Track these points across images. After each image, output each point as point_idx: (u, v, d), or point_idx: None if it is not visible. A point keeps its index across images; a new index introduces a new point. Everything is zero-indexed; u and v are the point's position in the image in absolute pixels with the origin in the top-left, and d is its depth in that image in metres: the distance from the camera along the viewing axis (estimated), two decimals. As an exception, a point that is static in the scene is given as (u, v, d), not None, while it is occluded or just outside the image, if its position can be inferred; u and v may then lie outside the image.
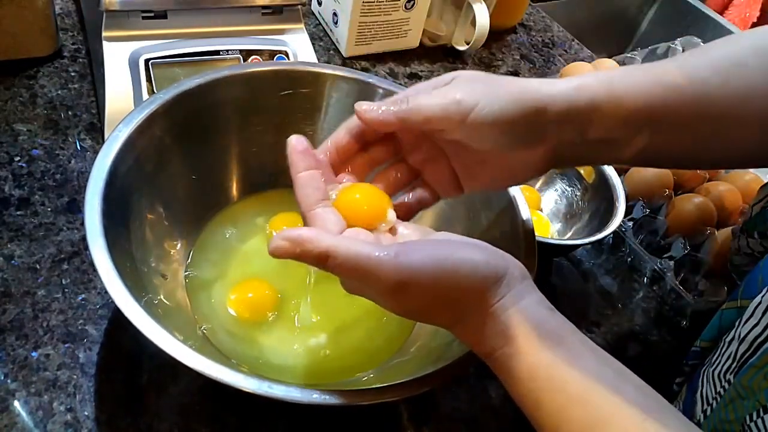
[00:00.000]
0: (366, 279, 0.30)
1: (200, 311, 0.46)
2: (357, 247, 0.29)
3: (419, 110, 0.34)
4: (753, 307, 0.37)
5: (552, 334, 0.31)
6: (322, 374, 0.44)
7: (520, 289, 0.32)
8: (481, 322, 0.32)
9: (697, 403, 0.41)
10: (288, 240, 0.30)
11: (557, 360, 0.30)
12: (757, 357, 0.35)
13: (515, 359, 0.31)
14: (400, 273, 0.29)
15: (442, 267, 0.30)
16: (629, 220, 0.63)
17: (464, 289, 0.31)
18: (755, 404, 0.33)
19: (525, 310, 0.31)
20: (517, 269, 0.33)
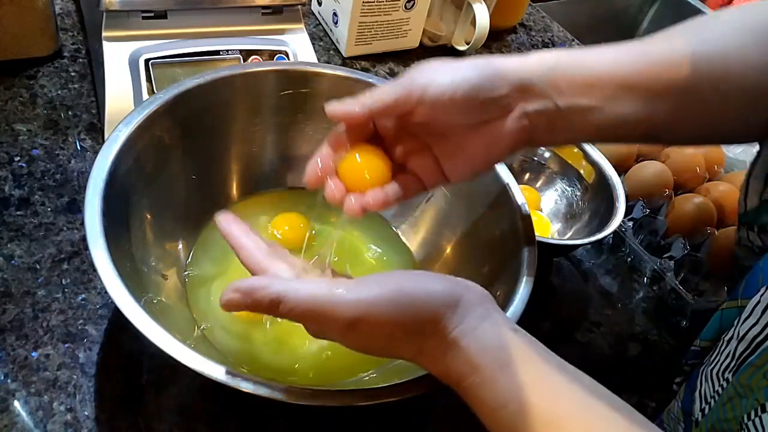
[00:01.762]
0: (322, 319, 0.30)
1: (200, 311, 0.46)
2: (308, 289, 0.30)
3: (379, 98, 0.35)
4: (752, 306, 0.37)
5: (517, 356, 0.30)
6: (322, 374, 0.44)
7: (479, 313, 0.31)
8: (442, 351, 0.31)
9: (696, 402, 0.41)
10: (238, 291, 0.30)
11: (526, 383, 0.29)
12: (756, 356, 0.35)
13: (484, 388, 0.30)
14: (356, 308, 0.30)
15: (396, 298, 0.30)
16: (629, 220, 0.63)
17: (421, 317, 0.31)
18: (753, 403, 0.33)
19: (486, 335, 0.31)
20: (474, 293, 0.32)
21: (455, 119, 0.36)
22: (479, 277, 0.45)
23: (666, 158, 0.67)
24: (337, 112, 0.36)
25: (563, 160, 0.64)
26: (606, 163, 0.60)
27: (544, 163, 0.65)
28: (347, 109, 0.36)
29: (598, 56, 0.37)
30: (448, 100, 0.35)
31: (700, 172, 0.66)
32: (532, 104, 0.36)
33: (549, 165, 0.65)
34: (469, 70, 0.35)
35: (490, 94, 0.35)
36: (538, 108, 0.36)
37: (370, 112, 0.36)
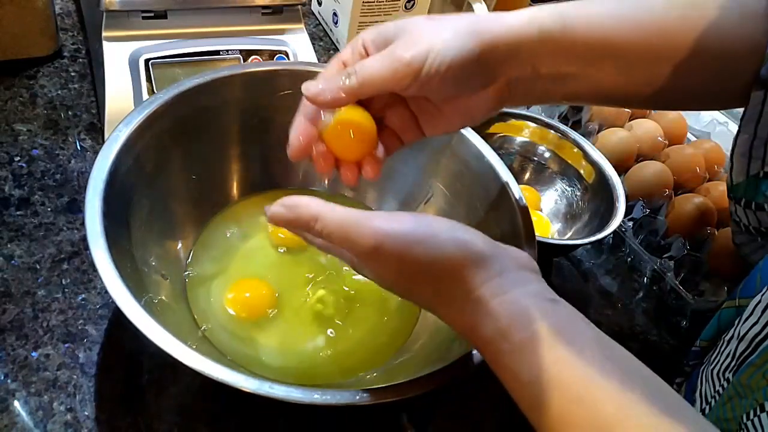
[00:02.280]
0: (346, 242, 0.31)
1: (200, 311, 0.46)
2: (342, 211, 0.31)
3: (370, 81, 0.33)
4: (753, 306, 0.37)
5: (552, 330, 0.29)
6: (322, 374, 0.44)
7: (513, 278, 0.30)
8: (467, 304, 0.30)
9: (696, 402, 0.41)
10: (284, 205, 0.32)
11: (560, 359, 0.28)
12: (756, 355, 0.35)
13: (513, 358, 0.29)
14: (375, 235, 0.30)
15: (419, 233, 0.30)
16: (629, 220, 0.63)
17: (440, 257, 0.30)
18: (753, 403, 0.33)
19: (519, 302, 0.29)
20: (513, 259, 0.32)
21: (444, 92, 0.35)
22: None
23: (666, 158, 0.67)
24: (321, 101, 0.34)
25: (563, 160, 0.64)
26: (606, 163, 0.60)
27: (544, 163, 0.65)
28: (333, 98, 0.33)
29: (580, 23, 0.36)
30: (441, 77, 0.34)
31: (700, 172, 0.66)
32: (515, 72, 0.36)
33: (549, 165, 0.65)
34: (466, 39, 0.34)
35: (485, 68, 0.35)
36: (520, 75, 0.36)
37: (356, 98, 0.34)
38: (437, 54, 0.33)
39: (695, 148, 0.69)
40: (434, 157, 0.52)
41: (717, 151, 0.70)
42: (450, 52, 0.33)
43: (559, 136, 0.64)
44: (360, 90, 0.33)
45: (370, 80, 0.33)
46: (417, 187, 0.54)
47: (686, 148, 0.68)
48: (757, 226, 0.41)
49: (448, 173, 0.52)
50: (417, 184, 0.53)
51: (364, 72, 0.33)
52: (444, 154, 0.51)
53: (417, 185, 0.54)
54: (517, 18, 0.35)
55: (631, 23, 0.36)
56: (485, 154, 0.49)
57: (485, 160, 0.49)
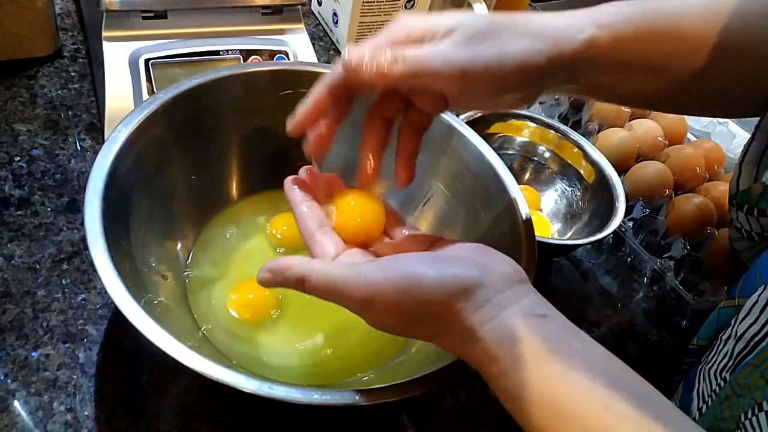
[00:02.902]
0: (338, 298, 0.32)
1: (200, 311, 0.46)
2: (327, 270, 0.32)
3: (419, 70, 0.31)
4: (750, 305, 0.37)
5: (539, 348, 0.29)
6: (322, 375, 0.44)
7: (499, 301, 0.31)
8: (460, 338, 0.31)
9: (694, 401, 0.41)
10: (269, 271, 0.33)
11: (544, 376, 0.29)
12: (753, 355, 0.35)
13: (502, 378, 0.30)
14: (363, 290, 0.31)
15: (402, 282, 0.31)
16: (629, 220, 0.63)
17: (428, 302, 0.30)
18: (751, 402, 0.33)
19: (506, 325, 0.30)
20: (496, 278, 0.31)
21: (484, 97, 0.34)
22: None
23: (666, 158, 0.67)
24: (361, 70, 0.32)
25: (563, 160, 0.64)
26: (606, 163, 0.60)
27: (544, 163, 0.65)
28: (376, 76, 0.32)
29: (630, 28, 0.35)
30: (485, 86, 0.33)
31: (700, 172, 0.66)
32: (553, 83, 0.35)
33: (549, 165, 0.65)
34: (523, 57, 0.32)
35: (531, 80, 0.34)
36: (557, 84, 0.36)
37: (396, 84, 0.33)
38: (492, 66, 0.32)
39: (695, 148, 0.69)
40: (434, 157, 0.52)
41: (717, 151, 0.70)
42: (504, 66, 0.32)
43: (559, 136, 0.64)
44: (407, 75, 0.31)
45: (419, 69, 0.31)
46: (417, 187, 0.53)
47: (686, 148, 0.68)
48: (760, 231, 0.41)
49: (448, 173, 0.52)
50: (417, 184, 0.53)
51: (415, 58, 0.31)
52: (444, 154, 0.51)
53: (417, 185, 0.53)
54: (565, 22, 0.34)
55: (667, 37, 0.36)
56: (485, 154, 0.49)
57: (485, 160, 0.49)
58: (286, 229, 0.51)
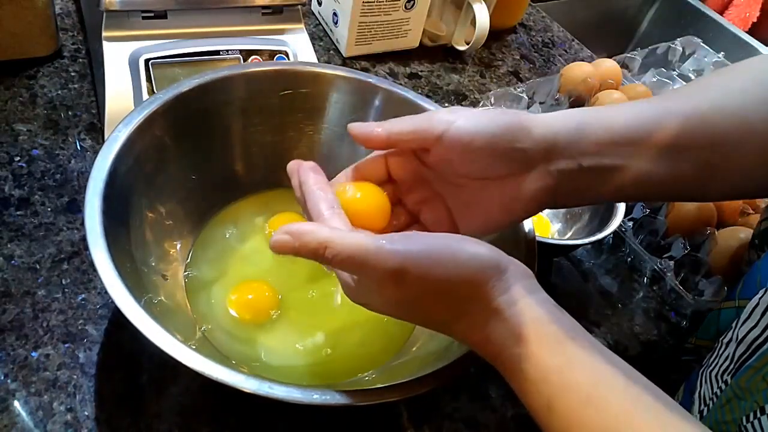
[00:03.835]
0: (363, 269, 0.30)
1: (200, 311, 0.46)
2: (353, 237, 0.30)
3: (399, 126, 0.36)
4: (750, 309, 0.37)
5: (563, 333, 0.30)
6: (322, 375, 0.44)
7: (525, 285, 0.31)
8: (485, 317, 0.31)
9: (695, 404, 0.41)
10: (288, 233, 0.30)
11: (570, 361, 0.29)
12: (755, 358, 0.35)
13: (527, 361, 0.30)
14: (397, 258, 0.29)
15: (438, 253, 0.30)
16: (629, 220, 0.63)
17: (463, 276, 0.30)
18: (753, 405, 0.33)
19: (534, 307, 0.30)
20: (519, 267, 0.32)
21: (473, 167, 0.35)
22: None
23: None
24: (358, 131, 0.36)
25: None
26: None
27: (544, 163, 0.65)
28: (369, 130, 0.36)
29: (620, 114, 0.36)
30: (467, 144, 0.34)
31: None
32: (555, 164, 0.35)
33: (549, 165, 0.65)
34: (494, 118, 0.35)
35: (511, 145, 0.35)
36: (562, 167, 0.35)
37: (388, 137, 0.36)
38: (466, 120, 0.35)
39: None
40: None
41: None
42: (480, 122, 0.34)
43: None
44: (392, 130, 0.36)
45: (400, 126, 0.36)
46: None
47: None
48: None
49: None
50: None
51: (398, 120, 0.36)
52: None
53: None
54: (554, 114, 0.36)
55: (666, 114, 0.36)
56: (485, 154, 0.49)
57: (485, 160, 0.49)
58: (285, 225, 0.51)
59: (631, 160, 0.35)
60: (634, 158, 0.35)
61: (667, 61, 0.89)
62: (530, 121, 0.35)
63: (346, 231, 0.31)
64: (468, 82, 0.79)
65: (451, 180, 0.37)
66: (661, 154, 0.35)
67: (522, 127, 0.35)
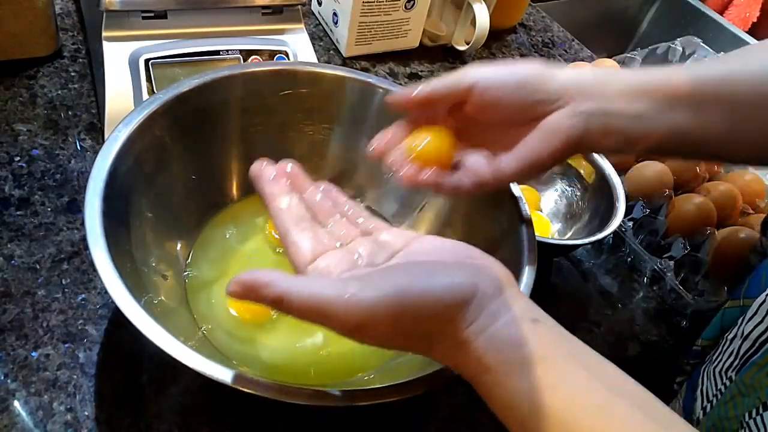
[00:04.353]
0: (325, 320, 0.30)
1: (200, 311, 0.46)
2: (312, 289, 0.29)
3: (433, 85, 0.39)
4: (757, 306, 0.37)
5: (533, 355, 0.29)
6: (322, 374, 0.44)
7: (493, 309, 0.30)
8: (454, 350, 0.30)
9: (697, 400, 0.41)
10: (243, 285, 0.30)
11: (539, 385, 0.28)
12: (760, 355, 0.35)
13: (496, 388, 0.29)
14: (360, 313, 0.29)
15: (399, 300, 0.29)
16: (629, 220, 0.63)
17: (428, 320, 0.30)
18: (755, 401, 0.33)
19: (500, 334, 0.29)
20: (489, 283, 0.31)
21: (507, 112, 0.38)
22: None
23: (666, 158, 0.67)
24: (395, 98, 0.40)
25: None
26: (606, 163, 0.60)
27: (544, 163, 0.65)
28: (404, 93, 0.39)
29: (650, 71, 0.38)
30: (498, 90, 0.38)
31: (700, 172, 0.66)
32: (582, 104, 0.37)
33: (549, 165, 0.65)
34: (521, 67, 0.38)
35: (539, 87, 0.38)
36: (589, 108, 0.37)
37: (427, 95, 0.39)
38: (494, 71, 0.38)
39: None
40: (434, 157, 0.52)
41: (717, 151, 0.70)
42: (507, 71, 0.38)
43: (559, 136, 0.64)
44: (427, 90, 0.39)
45: (434, 84, 0.39)
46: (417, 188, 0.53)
47: (686, 148, 0.68)
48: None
49: (448, 173, 0.52)
50: (417, 184, 0.53)
51: (432, 81, 0.39)
52: (444, 154, 0.51)
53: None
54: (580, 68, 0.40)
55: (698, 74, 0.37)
56: (485, 154, 0.49)
57: (485, 160, 0.49)
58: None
59: (657, 111, 0.37)
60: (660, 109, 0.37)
61: (667, 61, 0.89)
62: (555, 67, 0.39)
63: (305, 281, 0.31)
64: (468, 82, 0.79)
65: (489, 126, 0.40)
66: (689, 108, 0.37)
67: (549, 73, 0.38)
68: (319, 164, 0.55)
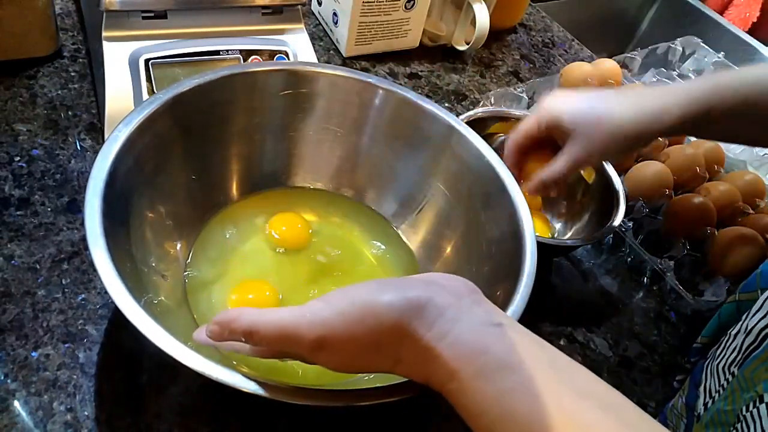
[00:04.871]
0: (291, 343, 0.30)
1: (200, 311, 0.45)
2: (275, 317, 0.31)
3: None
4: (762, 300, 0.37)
5: (498, 360, 0.28)
6: (322, 375, 0.44)
7: (451, 314, 0.30)
8: (420, 359, 0.30)
9: (700, 397, 0.41)
10: (217, 324, 0.32)
11: (506, 390, 0.28)
12: (762, 349, 0.35)
13: (462, 395, 0.29)
14: (315, 329, 0.30)
15: (355, 312, 0.30)
16: (629, 220, 0.63)
17: (384, 325, 0.30)
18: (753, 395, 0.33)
19: (461, 339, 0.29)
20: (445, 291, 0.31)
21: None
22: (479, 277, 0.45)
23: (666, 158, 0.67)
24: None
25: (563, 160, 0.64)
26: (606, 163, 0.60)
27: (544, 163, 0.65)
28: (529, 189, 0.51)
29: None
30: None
31: (700, 172, 0.66)
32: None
33: (549, 165, 0.65)
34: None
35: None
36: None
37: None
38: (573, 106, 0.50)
39: (695, 148, 0.69)
40: (434, 157, 0.52)
41: (717, 151, 0.70)
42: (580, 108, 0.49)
43: (559, 136, 0.64)
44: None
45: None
46: (417, 187, 0.54)
47: (686, 148, 0.68)
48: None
49: (448, 173, 0.52)
50: (417, 184, 0.53)
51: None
52: (444, 154, 0.51)
53: (417, 185, 0.54)
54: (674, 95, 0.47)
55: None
56: (485, 154, 0.49)
57: (485, 160, 0.49)
58: (284, 229, 0.51)
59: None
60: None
61: (667, 61, 0.89)
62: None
63: (271, 311, 0.32)
64: (468, 82, 0.79)
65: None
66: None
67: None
68: (318, 164, 0.55)
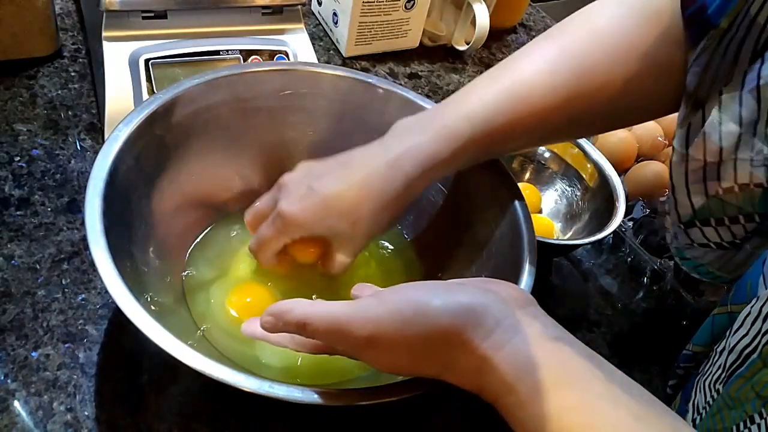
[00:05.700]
0: (342, 337, 0.31)
1: (199, 311, 0.46)
2: (329, 308, 0.31)
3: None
4: (743, 317, 0.36)
5: (557, 376, 0.28)
6: (322, 374, 0.44)
7: (509, 324, 0.29)
8: (474, 367, 0.30)
9: (689, 412, 0.41)
10: (271, 315, 0.33)
11: (564, 407, 0.27)
12: (745, 367, 0.34)
13: (519, 409, 0.29)
14: (368, 326, 0.30)
15: (407, 312, 0.30)
16: (629, 220, 0.63)
17: (436, 330, 0.29)
18: (742, 414, 0.33)
19: (520, 352, 0.29)
20: (505, 299, 0.31)
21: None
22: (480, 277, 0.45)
23: (666, 158, 0.67)
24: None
25: (563, 160, 0.64)
26: (606, 163, 0.60)
27: (544, 163, 0.65)
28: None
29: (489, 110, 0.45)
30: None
31: (700, 172, 0.66)
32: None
33: (549, 165, 0.65)
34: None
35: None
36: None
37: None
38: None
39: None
40: (434, 157, 0.52)
41: (717, 151, 0.69)
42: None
43: (559, 136, 0.64)
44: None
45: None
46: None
47: (686, 148, 0.68)
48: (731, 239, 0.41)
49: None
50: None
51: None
52: (444, 154, 0.51)
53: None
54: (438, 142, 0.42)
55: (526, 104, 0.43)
56: (485, 154, 0.49)
57: (485, 160, 0.49)
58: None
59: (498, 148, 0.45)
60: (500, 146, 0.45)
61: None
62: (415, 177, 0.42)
63: (323, 304, 0.32)
64: (468, 82, 0.79)
65: None
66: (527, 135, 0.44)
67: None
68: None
